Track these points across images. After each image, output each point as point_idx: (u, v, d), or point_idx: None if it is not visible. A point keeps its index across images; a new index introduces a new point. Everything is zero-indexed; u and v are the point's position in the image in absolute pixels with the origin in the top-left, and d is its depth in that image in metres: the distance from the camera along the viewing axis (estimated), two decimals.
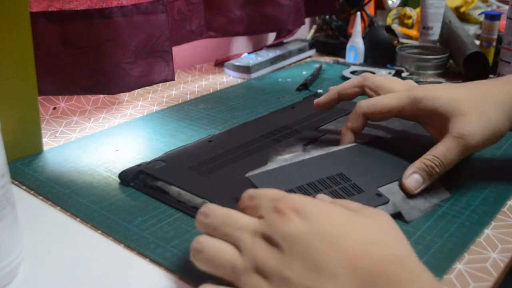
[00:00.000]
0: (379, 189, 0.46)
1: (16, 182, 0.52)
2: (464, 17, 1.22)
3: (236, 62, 0.90)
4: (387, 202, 0.44)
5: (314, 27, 1.17)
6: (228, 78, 0.89)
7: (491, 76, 0.86)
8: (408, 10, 1.17)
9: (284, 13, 0.93)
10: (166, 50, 0.70)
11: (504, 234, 0.43)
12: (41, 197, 0.50)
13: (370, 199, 0.44)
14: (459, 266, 0.39)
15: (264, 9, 0.91)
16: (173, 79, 0.72)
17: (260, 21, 0.92)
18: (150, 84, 0.70)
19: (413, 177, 0.47)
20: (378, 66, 0.92)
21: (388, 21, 1.21)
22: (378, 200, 0.44)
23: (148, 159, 0.54)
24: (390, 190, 0.46)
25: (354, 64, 0.95)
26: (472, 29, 1.16)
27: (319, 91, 0.81)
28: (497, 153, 0.58)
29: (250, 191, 0.36)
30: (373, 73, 0.88)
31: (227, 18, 0.89)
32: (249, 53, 0.97)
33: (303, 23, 1.01)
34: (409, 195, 0.46)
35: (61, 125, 0.67)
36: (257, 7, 0.91)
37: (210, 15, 0.87)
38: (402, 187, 0.47)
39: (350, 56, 0.98)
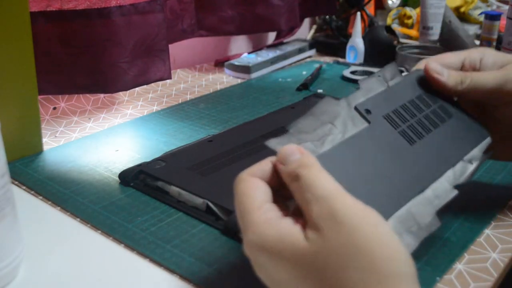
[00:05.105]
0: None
1: (16, 182, 0.52)
2: (464, 17, 1.22)
3: (236, 62, 0.90)
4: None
5: (314, 27, 1.17)
6: (228, 78, 0.89)
7: None
8: (408, 10, 1.17)
9: (276, 13, 0.93)
10: (163, 49, 0.70)
11: (504, 234, 0.43)
12: (41, 197, 0.49)
13: None
14: (459, 266, 0.39)
15: (256, 9, 0.91)
16: (169, 78, 0.72)
17: (252, 20, 0.92)
18: (147, 83, 0.70)
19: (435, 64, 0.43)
20: (378, 66, 0.92)
21: (388, 21, 1.21)
22: None
23: (148, 159, 0.54)
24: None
25: (354, 64, 0.95)
26: (472, 29, 1.16)
27: (319, 91, 0.81)
28: None
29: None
30: (373, 73, 0.88)
31: (218, 17, 0.89)
32: (249, 53, 0.97)
33: (297, 24, 1.01)
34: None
35: (61, 125, 0.67)
36: (249, 6, 0.91)
37: (202, 14, 0.87)
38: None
39: (350, 56, 0.98)
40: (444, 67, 0.44)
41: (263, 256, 0.29)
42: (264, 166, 0.32)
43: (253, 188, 0.31)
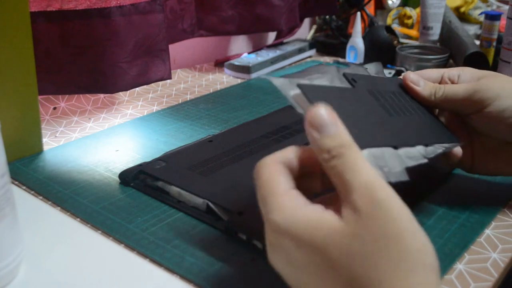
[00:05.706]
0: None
1: (16, 182, 0.52)
2: (464, 17, 1.22)
3: (236, 62, 0.90)
4: None
5: (314, 27, 1.17)
6: (228, 78, 0.89)
7: None
8: (408, 10, 1.17)
9: (276, 13, 0.93)
10: (163, 49, 0.70)
11: (504, 234, 0.43)
12: (41, 197, 0.49)
13: None
14: (459, 266, 0.39)
15: (256, 9, 0.91)
16: (169, 78, 0.72)
17: (251, 20, 0.92)
18: (147, 83, 0.70)
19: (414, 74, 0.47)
20: None
21: (388, 21, 1.21)
22: None
23: (148, 159, 0.54)
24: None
25: (354, 64, 0.95)
26: (472, 29, 1.16)
27: None
28: None
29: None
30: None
31: (218, 17, 0.89)
32: (249, 53, 0.97)
33: (296, 24, 1.01)
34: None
35: (61, 125, 0.67)
36: (248, 6, 0.91)
37: (202, 14, 0.87)
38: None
39: (350, 56, 0.98)
40: (423, 79, 0.47)
41: (288, 240, 0.29)
42: (288, 153, 0.32)
43: (278, 173, 0.31)
